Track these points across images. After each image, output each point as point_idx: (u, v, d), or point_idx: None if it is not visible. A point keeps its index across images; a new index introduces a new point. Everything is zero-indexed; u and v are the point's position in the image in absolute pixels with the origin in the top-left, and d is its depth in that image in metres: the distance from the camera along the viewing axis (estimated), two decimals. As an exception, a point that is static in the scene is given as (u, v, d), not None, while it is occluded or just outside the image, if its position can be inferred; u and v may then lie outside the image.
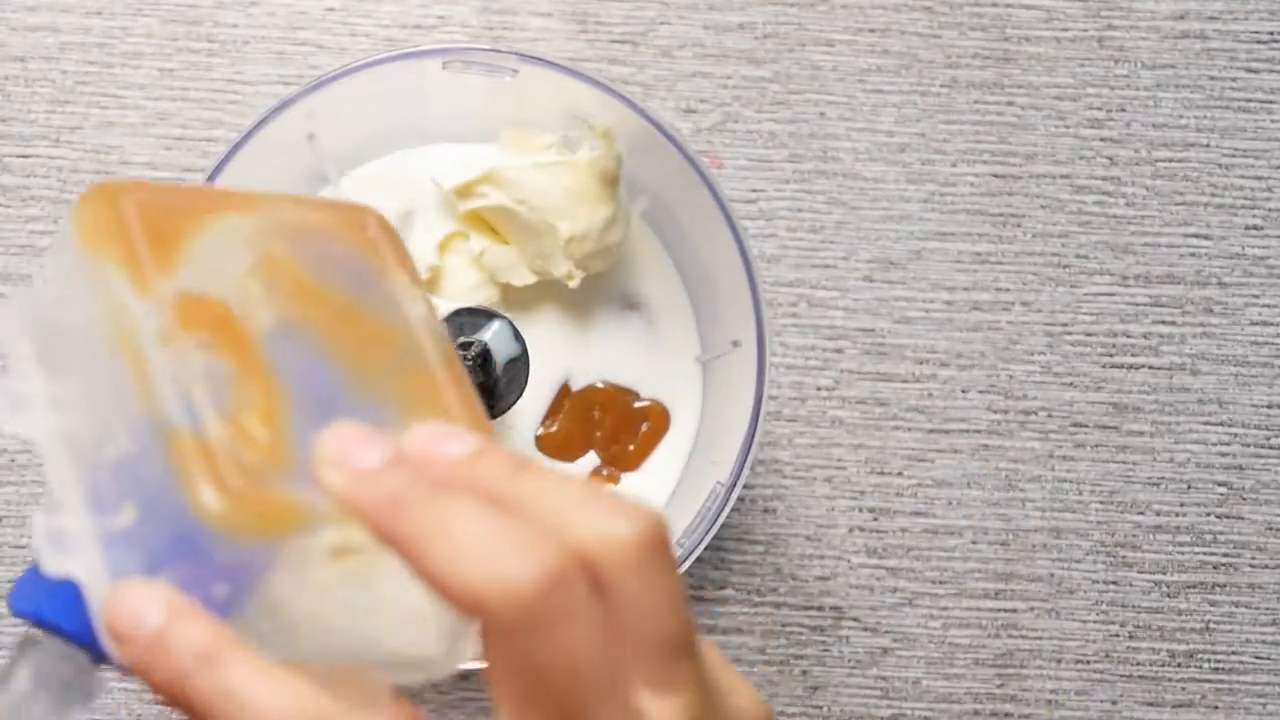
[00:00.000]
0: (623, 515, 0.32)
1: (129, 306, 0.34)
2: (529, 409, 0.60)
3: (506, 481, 0.32)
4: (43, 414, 0.35)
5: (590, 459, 0.60)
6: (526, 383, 0.57)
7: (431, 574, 0.31)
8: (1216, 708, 0.63)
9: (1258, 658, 0.64)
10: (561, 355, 0.60)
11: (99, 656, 0.34)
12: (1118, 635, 0.64)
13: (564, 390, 0.60)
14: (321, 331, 0.37)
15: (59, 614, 0.34)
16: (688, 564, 0.54)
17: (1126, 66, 0.67)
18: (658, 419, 0.61)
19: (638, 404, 0.61)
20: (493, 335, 0.57)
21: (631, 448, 0.60)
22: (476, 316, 0.57)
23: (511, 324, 0.58)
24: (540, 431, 0.60)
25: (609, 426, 0.60)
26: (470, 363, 0.53)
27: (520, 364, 0.56)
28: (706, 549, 0.56)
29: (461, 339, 0.55)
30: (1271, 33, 0.67)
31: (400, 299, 0.40)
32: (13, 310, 0.37)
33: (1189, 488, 0.64)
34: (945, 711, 0.63)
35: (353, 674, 0.36)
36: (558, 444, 0.60)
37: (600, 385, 0.61)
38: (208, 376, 0.34)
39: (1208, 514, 0.64)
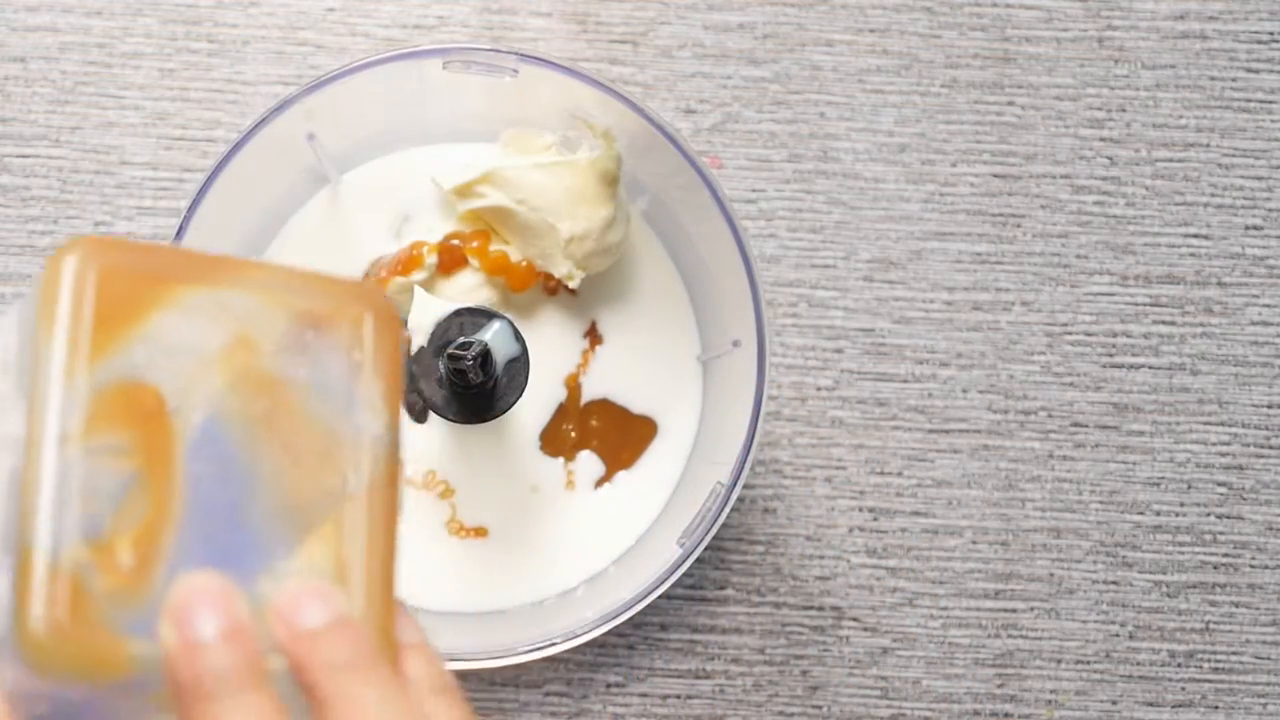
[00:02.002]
0: None
1: (48, 395, 0.34)
2: (529, 409, 0.60)
3: (333, 676, 0.33)
4: None
5: (586, 457, 0.61)
6: (526, 382, 0.57)
7: None
8: (1216, 708, 0.63)
9: (1258, 658, 0.64)
10: (562, 355, 0.60)
11: None
12: (1118, 635, 0.64)
13: (571, 392, 0.60)
14: (259, 435, 0.36)
15: None
16: (688, 564, 0.54)
17: (1126, 66, 0.67)
18: (648, 429, 0.61)
19: (633, 413, 0.61)
20: (493, 335, 0.57)
21: (624, 454, 0.61)
22: (476, 316, 0.57)
23: (511, 324, 0.58)
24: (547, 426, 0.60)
25: (603, 431, 0.61)
26: (470, 363, 0.53)
27: (520, 364, 0.56)
28: (706, 549, 0.56)
29: (462, 339, 0.55)
30: (1271, 33, 0.67)
31: (363, 410, 0.38)
32: (6, 321, 0.37)
33: (1189, 488, 0.64)
34: (945, 711, 0.63)
35: None
36: (559, 443, 0.60)
37: (600, 400, 0.61)
38: (95, 488, 0.34)
39: (1208, 514, 0.64)
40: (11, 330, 0.36)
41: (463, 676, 0.62)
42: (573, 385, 0.61)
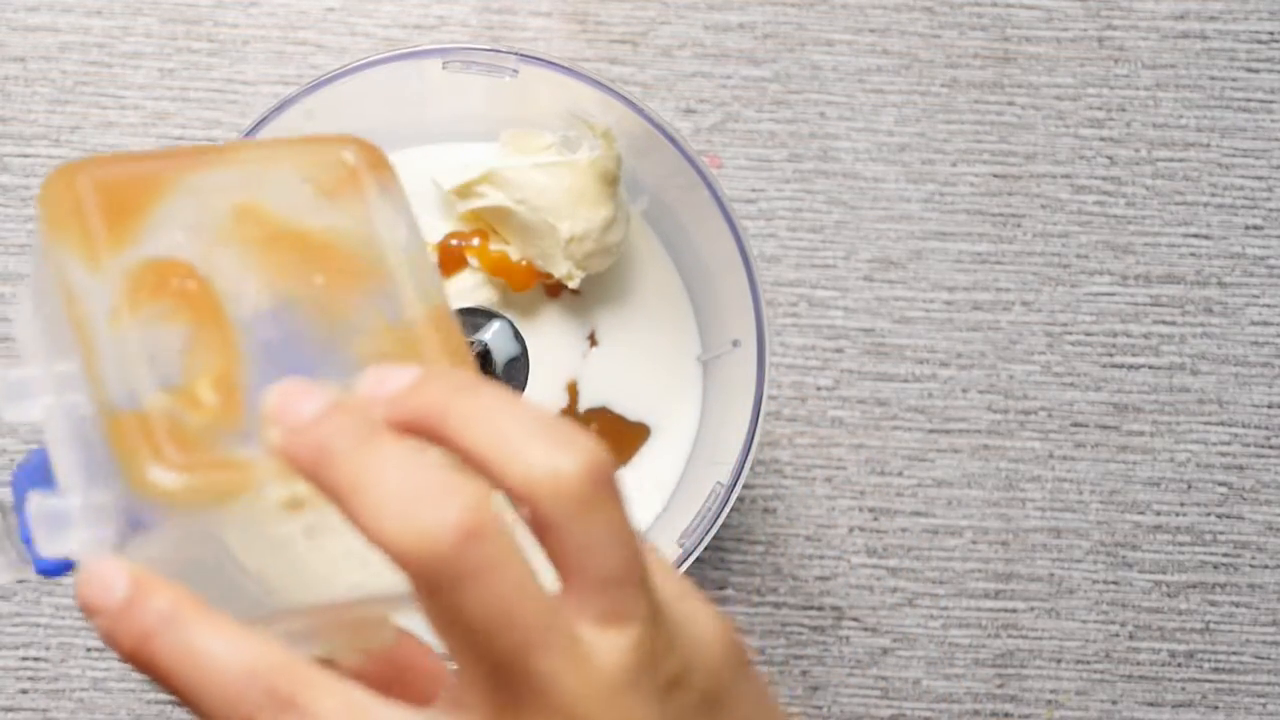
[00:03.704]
0: (562, 448, 0.31)
1: (79, 287, 0.35)
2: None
3: (446, 409, 0.32)
4: (43, 397, 0.36)
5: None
6: (526, 383, 0.57)
7: (359, 526, 0.31)
8: (1216, 708, 0.63)
9: (1258, 658, 0.64)
10: (561, 355, 0.60)
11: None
12: (1118, 635, 0.64)
13: (571, 395, 0.60)
14: (293, 280, 0.37)
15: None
16: (687, 564, 0.54)
17: (1126, 66, 0.67)
18: (641, 433, 0.61)
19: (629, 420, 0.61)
20: (493, 335, 0.57)
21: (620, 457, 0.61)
22: (476, 316, 0.57)
23: (512, 324, 0.58)
24: None
25: (600, 436, 0.61)
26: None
27: (520, 364, 0.56)
28: (706, 549, 0.56)
29: (461, 339, 0.55)
30: (1271, 33, 0.67)
31: (380, 232, 0.39)
32: (24, 290, 0.39)
33: (1189, 487, 0.64)
34: (945, 711, 0.63)
35: (348, 615, 0.36)
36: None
37: (600, 408, 0.61)
38: (156, 349, 0.35)
39: (1208, 514, 0.64)
40: (25, 302, 0.38)
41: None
42: (573, 391, 0.61)
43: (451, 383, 0.33)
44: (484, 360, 0.56)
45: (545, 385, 0.60)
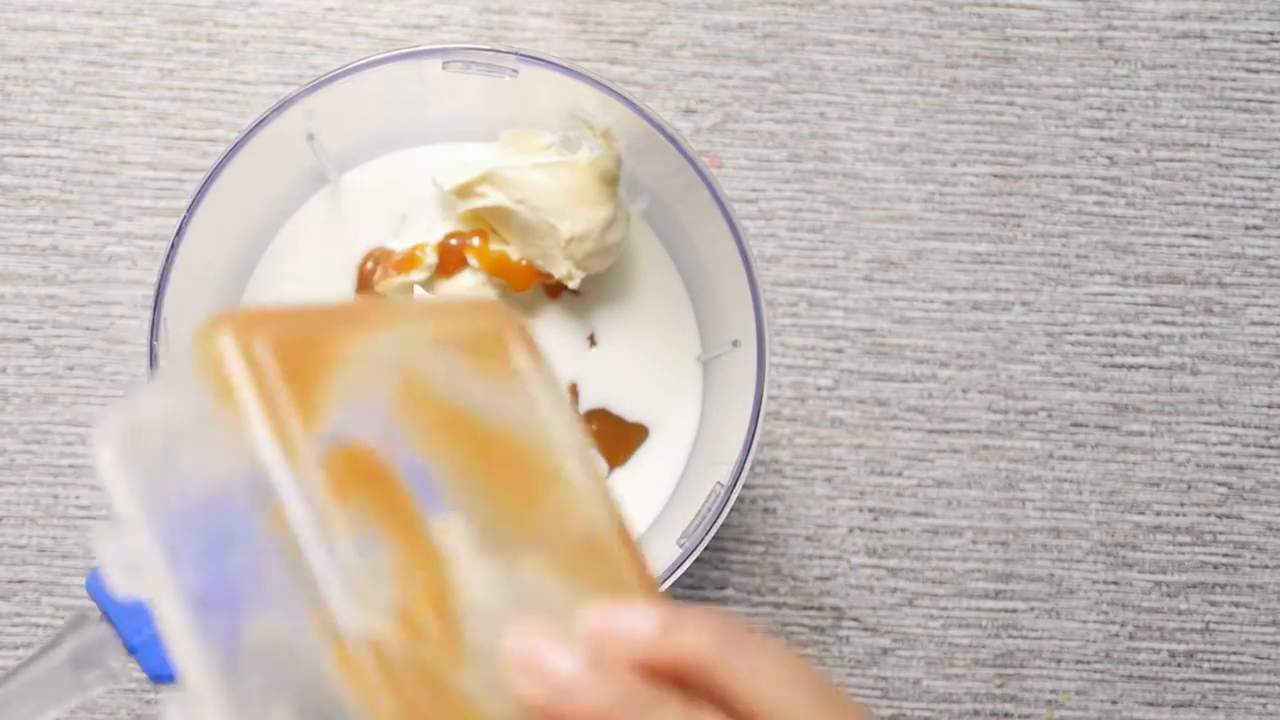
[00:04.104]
0: None
1: (276, 478, 0.30)
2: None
3: (717, 660, 0.31)
4: (154, 569, 0.32)
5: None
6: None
7: None
8: (1216, 708, 0.63)
9: (1258, 658, 0.64)
10: (561, 356, 0.60)
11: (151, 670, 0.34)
12: (1118, 635, 0.64)
13: (572, 396, 0.60)
14: (471, 473, 0.33)
15: (121, 614, 0.35)
16: (688, 564, 0.54)
17: (1126, 66, 0.67)
18: (639, 433, 0.61)
19: (627, 421, 0.61)
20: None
21: (620, 457, 0.61)
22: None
23: (511, 324, 0.57)
24: None
25: (601, 435, 0.61)
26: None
27: (520, 364, 0.56)
28: (706, 549, 0.56)
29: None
30: (1271, 33, 0.67)
31: (548, 426, 0.35)
32: (107, 433, 0.33)
33: (1189, 488, 0.64)
34: (945, 711, 0.63)
35: None
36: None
37: (599, 409, 0.61)
38: (371, 562, 0.30)
39: (1208, 514, 0.64)
40: (110, 446, 0.33)
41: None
42: (573, 392, 0.61)
43: (717, 630, 0.31)
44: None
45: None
